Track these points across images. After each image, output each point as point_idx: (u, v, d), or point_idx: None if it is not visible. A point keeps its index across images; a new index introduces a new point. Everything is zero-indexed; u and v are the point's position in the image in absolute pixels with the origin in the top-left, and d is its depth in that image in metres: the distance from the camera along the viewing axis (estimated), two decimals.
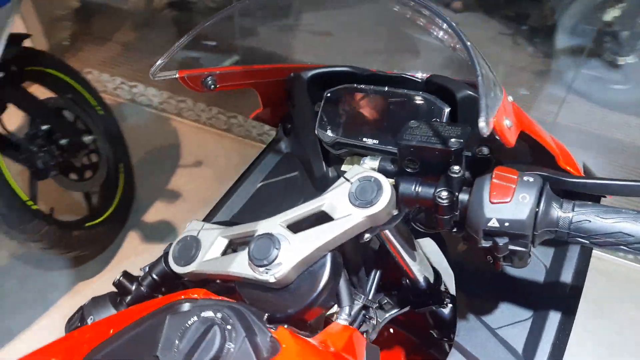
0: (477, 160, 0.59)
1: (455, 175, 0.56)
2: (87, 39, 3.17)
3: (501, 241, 0.51)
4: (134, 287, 0.65)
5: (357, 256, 0.68)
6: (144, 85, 2.81)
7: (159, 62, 0.63)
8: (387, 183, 0.57)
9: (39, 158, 1.68)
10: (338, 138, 0.76)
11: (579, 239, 0.50)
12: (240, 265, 0.58)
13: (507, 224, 0.50)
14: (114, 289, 0.69)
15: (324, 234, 0.56)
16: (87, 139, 1.93)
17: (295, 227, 0.59)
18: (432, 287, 0.75)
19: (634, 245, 0.48)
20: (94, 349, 0.49)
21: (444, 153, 0.57)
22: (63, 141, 1.79)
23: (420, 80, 0.73)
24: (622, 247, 0.48)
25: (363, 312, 0.69)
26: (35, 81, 1.83)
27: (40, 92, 1.85)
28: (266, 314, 0.55)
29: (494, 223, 0.50)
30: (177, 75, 0.67)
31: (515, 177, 0.52)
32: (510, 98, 0.67)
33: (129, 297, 0.66)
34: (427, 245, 0.80)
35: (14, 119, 1.73)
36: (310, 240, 0.56)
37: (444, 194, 0.54)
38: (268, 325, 0.52)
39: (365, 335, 0.73)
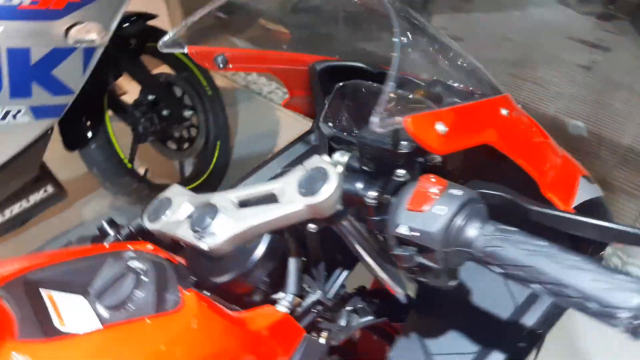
0: (427, 167, 0.56)
1: (397, 179, 0.53)
2: None
3: (407, 251, 0.47)
4: (112, 234, 0.72)
5: (318, 249, 0.68)
6: (257, 75, 3.00)
7: (168, 34, 0.69)
8: (335, 176, 0.56)
9: (140, 123, 1.90)
10: (336, 132, 0.76)
11: (493, 267, 0.44)
12: (185, 230, 0.61)
13: (416, 234, 0.47)
14: None
15: (263, 214, 0.57)
16: (188, 113, 2.13)
17: (246, 204, 0.61)
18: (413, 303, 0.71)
19: (547, 286, 0.40)
20: (40, 268, 0.56)
21: (393, 155, 0.55)
22: (165, 112, 1.99)
23: (422, 84, 0.70)
24: (535, 285, 0.41)
25: (319, 307, 0.68)
26: (154, 56, 2.05)
27: (159, 67, 2.08)
28: (194, 278, 0.58)
29: (404, 230, 0.47)
30: (186, 50, 0.72)
31: (441, 187, 0.48)
32: (504, 111, 0.62)
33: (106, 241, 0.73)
34: None
35: (128, 85, 1.97)
36: (249, 217, 0.58)
37: (372, 194, 0.52)
38: (189, 289, 0.55)
39: (328, 334, 0.72)
